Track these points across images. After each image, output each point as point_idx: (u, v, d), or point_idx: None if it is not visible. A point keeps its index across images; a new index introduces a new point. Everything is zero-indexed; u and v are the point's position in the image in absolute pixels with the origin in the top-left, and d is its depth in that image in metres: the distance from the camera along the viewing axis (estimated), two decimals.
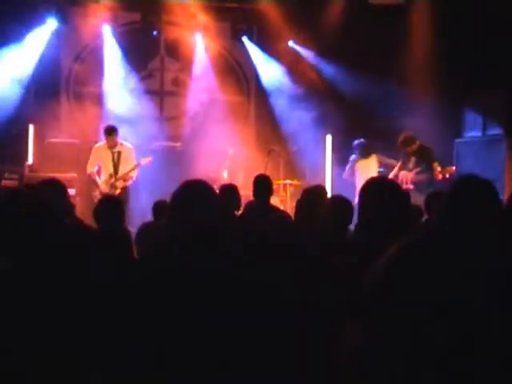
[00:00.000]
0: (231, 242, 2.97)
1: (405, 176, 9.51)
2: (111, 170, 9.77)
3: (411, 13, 11.31)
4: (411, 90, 10.82)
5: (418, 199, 8.47)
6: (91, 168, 9.83)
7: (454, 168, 9.35)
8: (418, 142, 9.45)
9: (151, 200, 6.89)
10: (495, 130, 10.66)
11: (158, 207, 6.37)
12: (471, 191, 2.85)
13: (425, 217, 6.31)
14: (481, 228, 2.72)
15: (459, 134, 11.25)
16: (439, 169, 9.25)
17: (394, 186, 3.26)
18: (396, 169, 9.69)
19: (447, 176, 9.25)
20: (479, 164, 10.28)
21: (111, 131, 9.77)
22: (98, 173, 9.87)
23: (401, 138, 9.52)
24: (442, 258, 1.49)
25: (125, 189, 9.74)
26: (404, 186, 9.28)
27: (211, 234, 2.88)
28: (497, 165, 10.19)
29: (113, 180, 9.71)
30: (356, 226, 3.34)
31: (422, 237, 1.57)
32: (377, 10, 11.10)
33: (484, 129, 10.84)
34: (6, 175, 10.14)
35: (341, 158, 11.45)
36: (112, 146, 9.78)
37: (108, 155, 9.81)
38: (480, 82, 10.35)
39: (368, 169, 10.00)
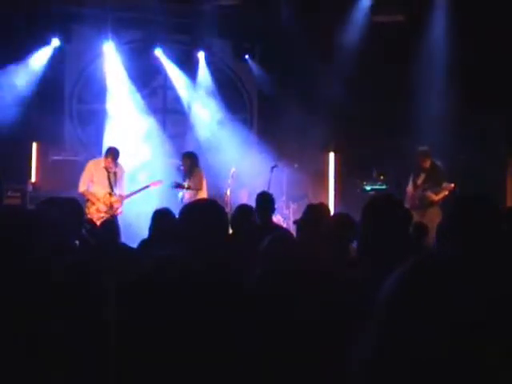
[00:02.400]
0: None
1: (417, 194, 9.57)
2: (108, 189, 9.54)
3: (412, 30, 11.34)
4: (414, 107, 10.84)
5: (423, 215, 8.54)
6: (84, 186, 9.51)
7: (452, 185, 9.36)
8: (431, 160, 9.56)
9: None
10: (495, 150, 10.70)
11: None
12: (472, 211, 2.81)
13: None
14: (483, 248, 2.70)
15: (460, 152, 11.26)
16: (433, 195, 9.31)
17: (395, 203, 3.26)
18: (410, 185, 9.75)
19: (447, 194, 9.29)
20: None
21: (116, 154, 9.56)
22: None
23: (421, 149, 9.64)
24: (446, 281, 1.49)
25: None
26: (411, 203, 9.31)
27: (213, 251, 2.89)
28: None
29: (113, 199, 9.56)
30: (358, 244, 3.34)
31: (426, 259, 1.57)
32: (379, 27, 11.14)
33: (484, 148, 10.85)
34: (9, 193, 10.14)
35: (344, 175, 11.49)
36: (109, 167, 9.54)
37: (103, 173, 9.55)
38: (480, 103, 10.39)
39: None
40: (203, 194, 9.87)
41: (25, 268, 2.55)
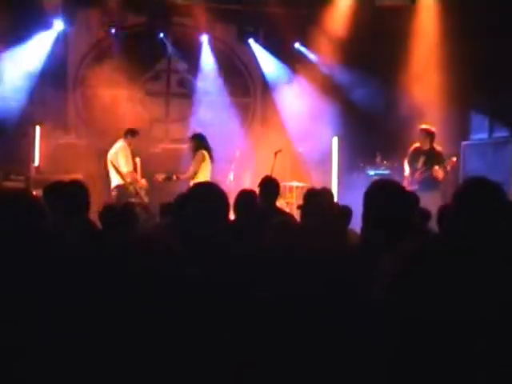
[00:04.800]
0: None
1: (410, 177, 9.50)
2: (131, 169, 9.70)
3: (418, 14, 11.27)
4: (418, 92, 10.78)
5: (423, 199, 8.47)
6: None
7: (454, 159, 9.19)
8: (432, 143, 9.41)
9: (158, 201, 6.88)
10: (502, 132, 10.62)
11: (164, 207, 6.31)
12: (479, 194, 2.79)
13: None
14: (489, 232, 2.69)
15: (466, 137, 11.21)
16: (437, 167, 9.13)
17: (398, 188, 3.25)
18: (407, 169, 9.63)
19: (448, 169, 9.13)
20: (486, 166, 10.24)
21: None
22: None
23: (423, 127, 9.47)
24: (448, 264, 1.49)
25: None
26: (410, 187, 9.26)
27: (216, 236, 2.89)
28: (503, 167, 10.15)
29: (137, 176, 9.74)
30: (361, 229, 3.34)
31: (429, 243, 1.57)
32: (383, 11, 11.08)
33: (490, 131, 10.80)
34: (12, 177, 10.14)
35: (347, 160, 11.46)
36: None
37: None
38: (486, 84, 10.33)
39: None
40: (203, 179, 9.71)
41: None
